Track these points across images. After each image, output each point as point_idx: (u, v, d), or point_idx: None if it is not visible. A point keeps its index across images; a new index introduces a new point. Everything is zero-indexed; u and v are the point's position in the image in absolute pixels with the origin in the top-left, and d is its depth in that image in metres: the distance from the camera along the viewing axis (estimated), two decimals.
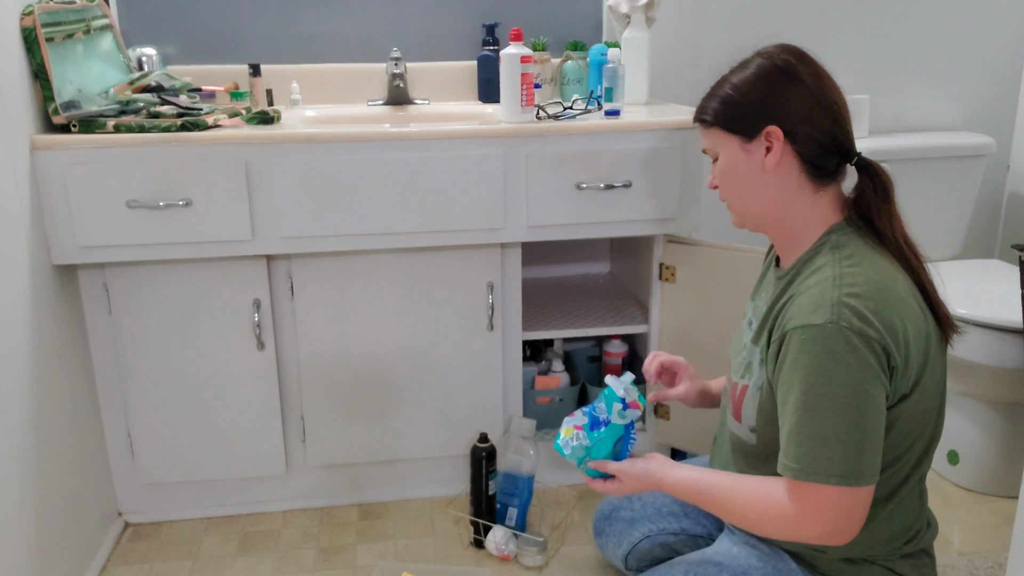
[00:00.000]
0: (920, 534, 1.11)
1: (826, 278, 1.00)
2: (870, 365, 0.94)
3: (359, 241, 1.61)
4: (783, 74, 1.06)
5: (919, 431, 1.04)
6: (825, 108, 1.05)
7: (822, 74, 1.07)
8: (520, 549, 1.63)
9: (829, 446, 0.95)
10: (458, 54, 2.06)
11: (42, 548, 1.41)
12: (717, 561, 1.18)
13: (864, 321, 0.94)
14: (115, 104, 1.58)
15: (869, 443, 0.95)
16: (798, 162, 1.06)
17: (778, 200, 1.07)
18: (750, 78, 1.07)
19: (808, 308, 0.98)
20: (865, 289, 0.97)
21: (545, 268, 2.24)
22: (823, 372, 0.95)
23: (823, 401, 0.95)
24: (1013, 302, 1.72)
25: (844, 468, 0.95)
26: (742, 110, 1.07)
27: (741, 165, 1.08)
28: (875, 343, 0.94)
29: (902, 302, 0.99)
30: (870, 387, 0.94)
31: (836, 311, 0.95)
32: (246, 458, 1.76)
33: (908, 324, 0.98)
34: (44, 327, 1.47)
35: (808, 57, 1.08)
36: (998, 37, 2.25)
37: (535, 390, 1.92)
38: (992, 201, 2.38)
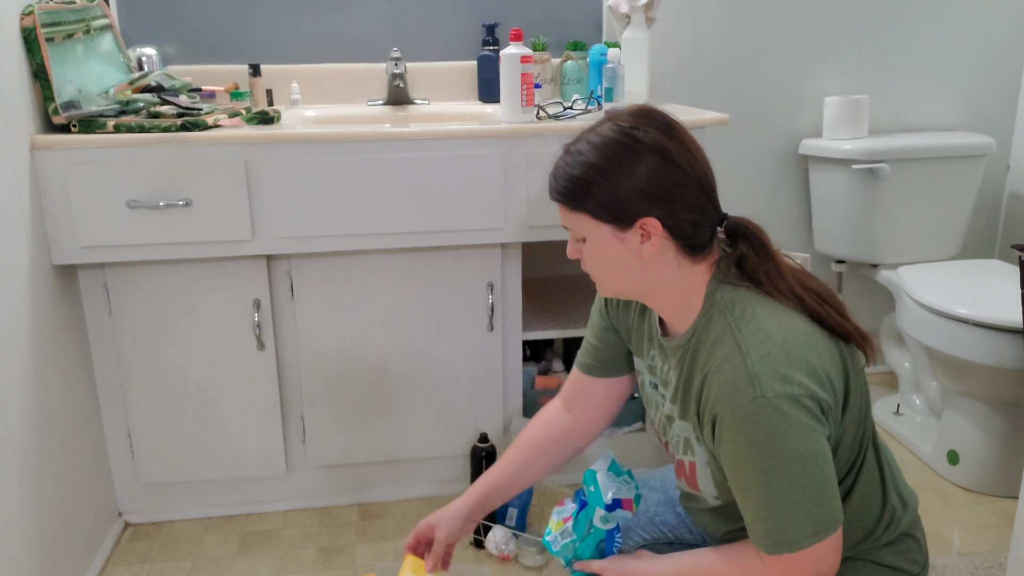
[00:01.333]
0: (895, 519, 1.10)
1: (731, 350, 0.97)
2: (805, 423, 0.93)
3: (359, 241, 1.61)
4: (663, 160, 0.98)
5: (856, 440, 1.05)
6: (699, 187, 0.99)
7: (692, 148, 1.01)
8: (520, 549, 1.63)
9: (791, 513, 0.94)
10: (458, 54, 2.06)
11: (42, 548, 1.41)
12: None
13: (784, 381, 0.93)
14: (115, 104, 1.58)
15: (828, 493, 0.95)
16: (674, 244, 1.00)
17: (660, 279, 1.02)
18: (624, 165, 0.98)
19: (728, 388, 0.95)
20: (770, 346, 0.95)
21: (545, 268, 2.24)
22: (764, 448, 0.93)
23: (773, 475, 0.94)
24: (1013, 302, 1.72)
25: (811, 528, 0.95)
26: (616, 199, 0.98)
27: (615, 251, 1.01)
28: (803, 399, 0.93)
29: (807, 339, 0.97)
30: (812, 444, 0.94)
31: (756, 383, 0.93)
32: (246, 458, 1.76)
33: (823, 358, 0.96)
34: (44, 327, 1.47)
35: (679, 129, 1.01)
36: (998, 37, 2.25)
37: (535, 390, 1.92)
38: (992, 201, 2.38)
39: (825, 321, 0.99)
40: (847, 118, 2.10)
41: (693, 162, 1.00)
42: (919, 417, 2.12)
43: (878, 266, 2.15)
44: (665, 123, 1.01)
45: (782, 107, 2.21)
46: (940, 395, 2.05)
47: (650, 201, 0.98)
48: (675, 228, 0.99)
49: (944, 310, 1.75)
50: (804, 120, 2.23)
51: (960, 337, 1.73)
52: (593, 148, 1.00)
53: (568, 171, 1.01)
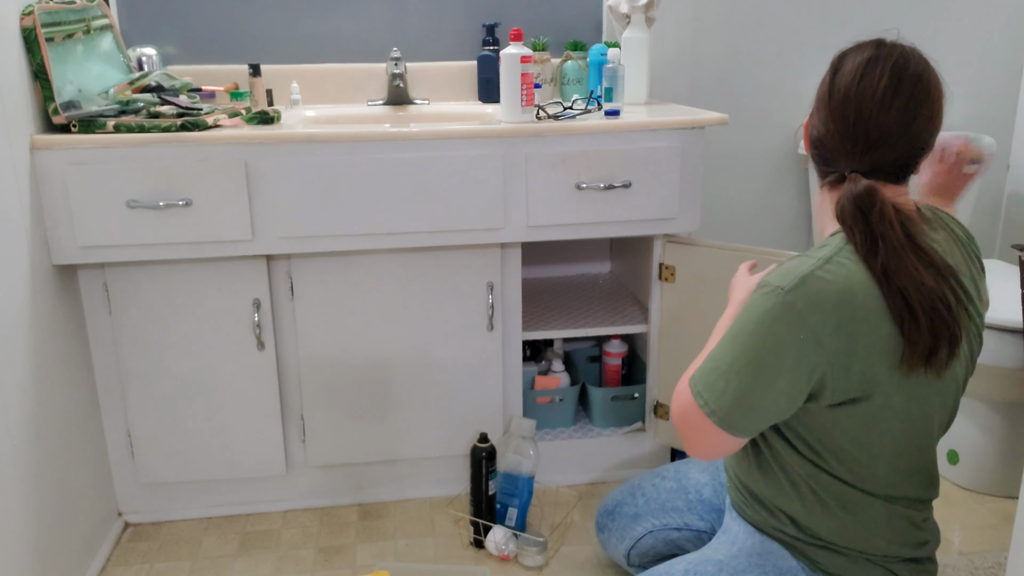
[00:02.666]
0: (924, 544, 1.11)
1: (814, 256, 1.01)
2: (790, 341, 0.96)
3: (359, 241, 1.61)
4: (832, 65, 1.12)
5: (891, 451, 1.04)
6: (841, 114, 1.08)
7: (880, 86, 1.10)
8: (520, 549, 1.63)
9: (716, 378, 1.02)
10: (458, 54, 2.06)
11: (42, 548, 1.41)
12: (717, 559, 1.18)
13: (817, 307, 0.96)
14: (115, 104, 1.58)
15: (744, 400, 1.00)
16: (813, 151, 1.12)
17: (815, 189, 1.14)
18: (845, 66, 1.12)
19: (779, 272, 1.01)
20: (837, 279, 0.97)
21: (545, 268, 2.24)
22: (748, 320, 1.00)
23: (734, 343, 1.01)
24: (1013, 302, 1.72)
25: (718, 405, 1.02)
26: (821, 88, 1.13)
27: None
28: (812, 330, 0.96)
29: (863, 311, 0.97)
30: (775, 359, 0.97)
31: (796, 281, 0.97)
32: (246, 458, 1.76)
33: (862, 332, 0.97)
34: (44, 327, 1.47)
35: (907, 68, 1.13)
36: (998, 37, 2.25)
37: (535, 390, 1.92)
38: (992, 201, 2.38)
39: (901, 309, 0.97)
40: None
41: (853, 94, 1.05)
42: None
43: None
44: (915, 58, 1.14)
45: (782, 107, 2.21)
46: None
47: (819, 99, 1.10)
48: (812, 132, 1.11)
49: None
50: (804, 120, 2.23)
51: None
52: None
53: None
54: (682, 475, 1.44)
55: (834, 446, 1.04)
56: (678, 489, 1.41)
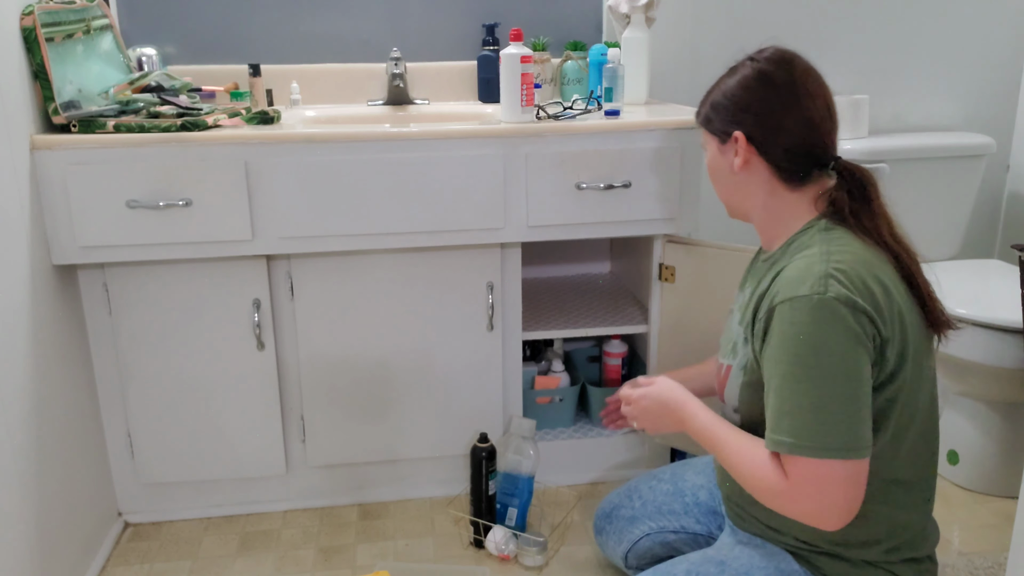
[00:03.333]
0: (926, 540, 1.12)
1: (813, 253, 1.01)
2: (858, 335, 0.95)
3: (359, 241, 1.61)
4: (759, 82, 1.08)
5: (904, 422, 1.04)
6: (797, 117, 1.07)
7: (801, 83, 1.07)
8: (520, 549, 1.63)
9: (822, 417, 0.94)
10: (458, 54, 2.06)
11: (42, 548, 1.41)
12: (719, 560, 1.18)
13: (851, 290, 0.96)
14: (115, 104, 1.58)
15: (860, 413, 0.95)
16: (766, 165, 1.10)
17: (754, 197, 1.13)
18: (732, 84, 1.11)
19: (795, 281, 0.99)
20: (851, 265, 0.98)
21: (545, 268, 2.24)
22: (811, 343, 0.95)
23: (814, 372, 0.95)
24: (1013, 302, 1.72)
25: (842, 440, 0.93)
26: (719, 114, 1.13)
27: (717, 163, 1.16)
28: (861, 314, 0.95)
29: (888, 282, 1.00)
30: (859, 357, 0.95)
31: (823, 282, 0.96)
32: (246, 458, 1.76)
33: (892, 301, 0.99)
34: (44, 327, 1.47)
35: (793, 65, 1.08)
36: (998, 37, 2.25)
37: (535, 390, 1.92)
38: (992, 201, 2.38)
39: (914, 281, 1.02)
40: (847, 118, 2.10)
41: (795, 90, 1.07)
42: None
43: None
44: (786, 59, 1.09)
45: None
46: (940, 395, 2.05)
47: (742, 115, 1.09)
48: (766, 149, 1.09)
49: None
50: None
51: (960, 337, 1.72)
52: (723, 74, 1.15)
53: (704, 94, 1.18)
54: (678, 478, 1.44)
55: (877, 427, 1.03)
56: (674, 492, 1.41)
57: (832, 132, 1.09)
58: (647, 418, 1.24)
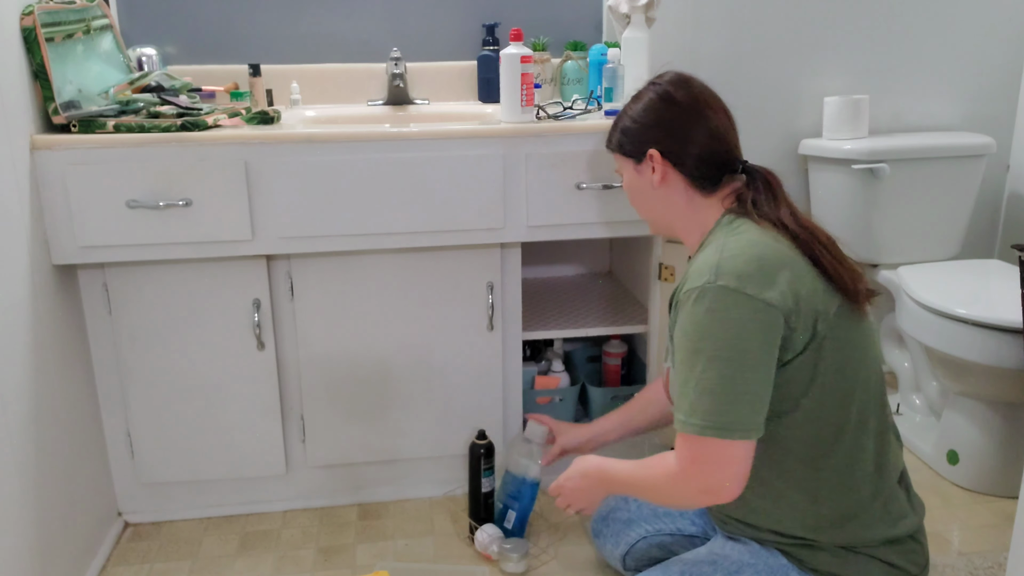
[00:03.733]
0: (903, 517, 1.13)
1: (713, 247, 1.09)
2: (745, 321, 1.00)
3: (359, 241, 1.61)
4: (664, 103, 1.19)
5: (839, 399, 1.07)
6: (702, 129, 1.16)
7: (702, 99, 1.18)
8: (501, 553, 1.62)
9: (706, 398, 1.01)
10: (458, 54, 2.06)
11: (42, 548, 1.41)
12: (711, 560, 1.21)
13: (741, 278, 1.02)
14: (115, 104, 1.58)
15: (744, 395, 1.01)
16: (682, 177, 1.18)
17: (674, 208, 1.21)
18: (640, 109, 1.21)
19: (694, 274, 1.07)
20: (745, 249, 1.05)
21: (545, 268, 2.24)
22: (700, 328, 1.03)
23: (700, 356, 1.02)
24: (1013, 302, 1.72)
25: (719, 420, 1.01)
26: (631, 137, 1.22)
27: (636, 183, 1.24)
28: (755, 299, 1.01)
29: (787, 259, 1.05)
30: (746, 342, 1.00)
31: (715, 271, 1.03)
32: (246, 458, 1.76)
33: (797, 278, 1.04)
34: (44, 327, 1.47)
35: (691, 84, 1.19)
36: (998, 37, 2.25)
37: (535, 390, 1.92)
38: (992, 201, 2.38)
39: (816, 258, 1.07)
40: (847, 118, 2.10)
41: (696, 106, 1.17)
42: (919, 417, 2.12)
43: (878, 266, 2.15)
44: (683, 80, 1.21)
45: (782, 107, 2.21)
46: (940, 395, 2.05)
47: (653, 134, 1.19)
48: (677, 160, 1.17)
49: (944, 310, 1.75)
50: (804, 120, 2.23)
51: (960, 337, 1.72)
52: (629, 101, 1.25)
53: (612, 122, 1.27)
54: None
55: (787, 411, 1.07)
56: None
57: (735, 138, 1.20)
58: (579, 497, 1.34)
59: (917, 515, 1.15)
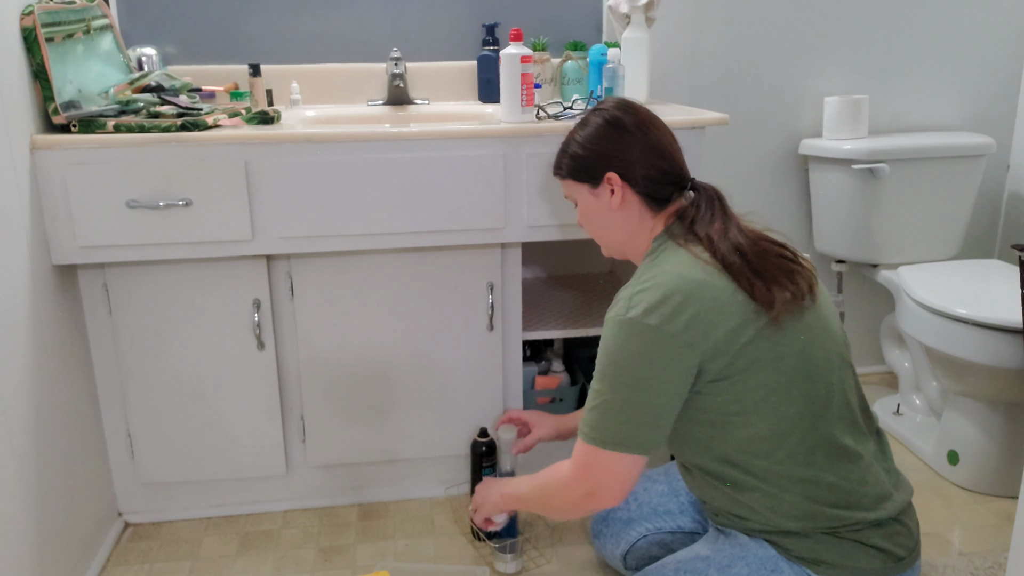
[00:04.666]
0: (885, 499, 1.14)
1: (635, 278, 1.15)
2: (647, 352, 1.08)
3: (359, 241, 1.61)
4: (613, 127, 1.23)
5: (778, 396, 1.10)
6: (651, 150, 1.21)
7: (647, 122, 1.23)
8: (493, 554, 1.61)
9: (605, 414, 1.12)
10: (458, 54, 2.06)
11: (42, 548, 1.41)
12: (704, 556, 1.22)
13: (648, 312, 1.08)
14: (115, 104, 1.58)
15: (640, 417, 1.10)
16: (637, 197, 1.23)
17: (628, 229, 1.25)
18: (589, 134, 1.25)
19: (612, 306, 1.15)
20: (656, 282, 1.11)
21: (545, 268, 2.24)
22: (608, 354, 1.13)
23: (604, 379, 1.13)
24: (1013, 302, 1.72)
25: (614, 435, 1.11)
26: (585, 162, 1.25)
27: (593, 207, 1.27)
28: (655, 330, 1.07)
29: (697, 288, 1.09)
30: (645, 371, 1.08)
31: (626, 305, 1.11)
32: (246, 458, 1.76)
33: (700, 308, 1.08)
34: (44, 327, 1.47)
35: (636, 108, 1.25)
36: (998, 37, 2.25)
37: (535, 390, 1.92)
38: (992, 201, 2.38)
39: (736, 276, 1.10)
40: (847, 118, 2.10)
41: (644, 128, 1.22)
42: (919, 417, 2.12)
43: (878, 266, 2.15)
44: (627, 105, 1.26)
45: (782, 107, 2.21)
46: (940, 395, 2.05)
47: (607, 158, 1.22)
48: (633, 181, 1.22)
49: (944, 310, 1.75)
50: (804, 120, 2.23)
51: (960, 337, 1.73)
52: (573, 129, 1.29)
53: (559, 151, 1.31)
54: (672, 477, 1.46)
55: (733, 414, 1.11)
56: (669, 492, 1.43)
57: (681, 156, 1.25)
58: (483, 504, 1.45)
59: (901, 496, 1.17)
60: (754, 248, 1.14)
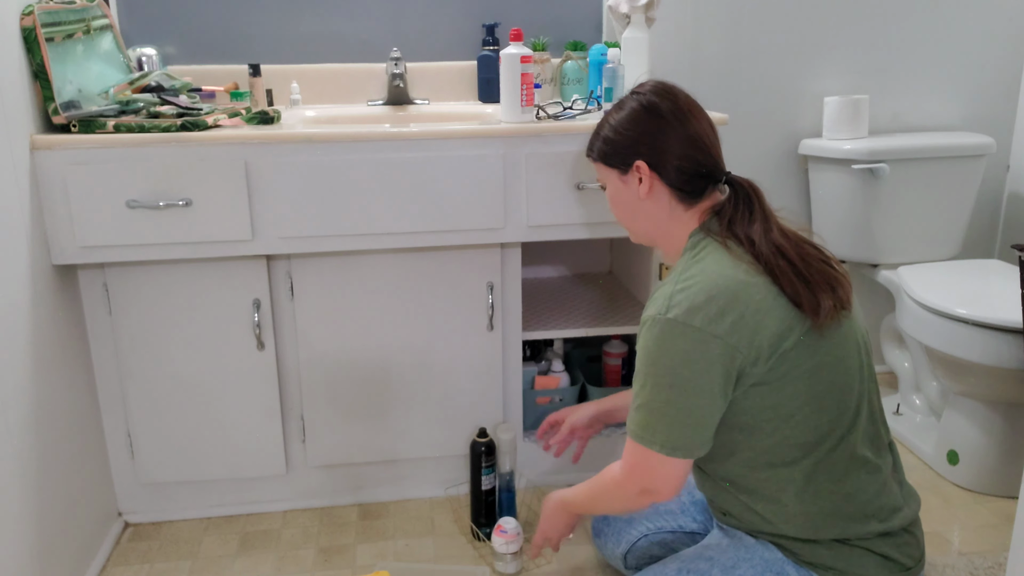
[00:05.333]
0: (896, 511, 1.14)
1: (673, 275, 1.12)
2: (689, 353, 1.05)
3: (359, 241, 1.61)
4: (648, 113, 1.18)
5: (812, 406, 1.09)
6: (687, 141, 1.16)
7: (686, 110, 1.18)
8: (494, 553, 1.61)
9: (654, 417, 1.09)
10: (458, 54, 2.06)
11: (42, 548, 1.41)
12: (708, 556, 1.22)
13: (690, 312, 1.05)
14: (115, 104, 1.58)
15: (685, 420, 1.07)
16: (667, 188, 1.18)
17: (656, 219, 1.21)
18: (623, 118, 1.21)
19: (653, 302, 1.12)
20: (698, 280, 1.08)
21: (545, 268, 2.24)
22: (648, 355, 1.09)
23: (648, 380, 1.10)
24: (1013, 302, 1.72)
25: (664, 438, 1.09)
26: (616, 147, 1.21)
27: (621, 193, 1.23)
28: (698, 331, 1.04)
29: (743, 292, 1.06)
30: (688, 372, 1.05)
31: (666, 303, 1.08)
32: (246, 458, 1.76)
33: (744, 309, 1.05)
34: (44, 327, 1.47)
35: (675, 94, 1.19)
36: (998, 37, 2.25)
37: (535, 390, 1.92)
38: (992, 201, 2.38)
39: (778, 280, 1.08)
40: (847, 118, 2.10)
41: (684, 121, 1.17)
42: (919, 417, 2.12)
43: (878, 266, 2.15)
44: (667, 90, 1.20)
45: (782, 107, 2.21)
46: (940, 395, 2.05)
47: (638, 145, 1.18)
48: (663, 171, 1.17)
49: (944, 310, 1.75)
50: (804, 120, 2.23)
51: (960, 337, 1.73)
52: (609, 111, 1.24)
53: (593, 132, 1.26)
54: None
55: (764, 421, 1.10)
56: None
57: (719, 149, 1.19)
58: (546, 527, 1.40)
59: (911, 507, 1.16)
60: (797, 251, 1.11)
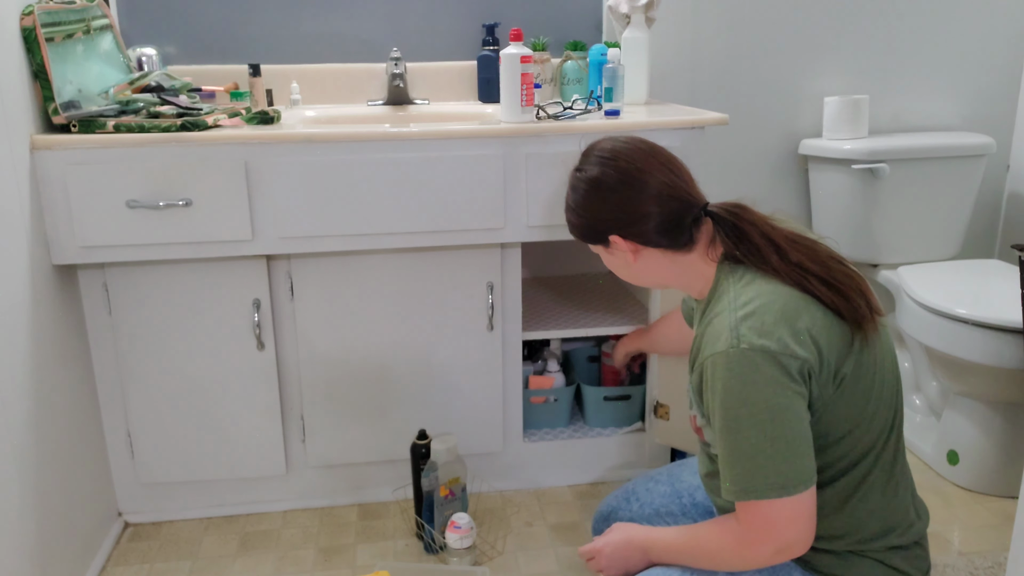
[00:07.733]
0: (910, 527, 1.13)
1: (726, 304, 1.06)
2: (776, 378, 0.98)
3: (359, 241, 1.61)
4: (597, 191, 1.14)
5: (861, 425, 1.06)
6: (650, 200, 1.11)
7: (635, 171, 1.12)
8: (449, 551, 1.61)
9: (757, 462, 0.99)
10: (458, 54, 2.06)
11: (42, 548, 1.41)
12: None
13: (763, 335, 0.99)
14: (115, 104, 1.58)
15: (794, 450, 0.99)
16: (654, 248, 1.15)
17: (661, 272, 1.18)
18: (579, 200, 1.17)
19: (713, 337, 1.04)
20: (759, 304, 1.02)
21: (545, 268, 2.24)
22: (734, 394, 1.00)
23: (741, 422, 1.00)
24: (1013, 302, 1.72)
25: (777, 480, 0.99)
26: (584, 230, 1.19)
27: (614, 262, 1.21)
28: (779, 355, 0.98)
29: (795, 304, 1.02)
30: (782, 399, 0.98)
31: (735, 334, 1.00)
32: (246, 458, 1.76)
33: (811, 323, 1.01)
34: (44, 327, 1.47)
35: (617, 157, 1.13)
36: (998, 37, 2.25)
37: (529, 389, 1.91)
38: (992, 201, 2.38)
39: (816, 296, 1.04)
40: (847, 118, 2.10)
41: (631, 181, 1.12)
42: (919, 417, 2.12)
43: (878, 266, 2.15)
44: (603, 155, 1.15)
45: (782, 107, 2.21)
46: (940, 395, 2.05)
47: (603, 223, 1.15)
48: (640, 238, 1.14)
49: (944, 310, 1.75)
50: (804, 120, 2.23)
51: (960, 337, 1.73)
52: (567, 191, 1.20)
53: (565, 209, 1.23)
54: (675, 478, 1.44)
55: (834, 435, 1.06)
56: (672, 493, 1.41)
57: (687, 186, 1.14)
58: (615, 564, 1.26)
59: (923, 521, 1.15)
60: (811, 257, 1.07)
